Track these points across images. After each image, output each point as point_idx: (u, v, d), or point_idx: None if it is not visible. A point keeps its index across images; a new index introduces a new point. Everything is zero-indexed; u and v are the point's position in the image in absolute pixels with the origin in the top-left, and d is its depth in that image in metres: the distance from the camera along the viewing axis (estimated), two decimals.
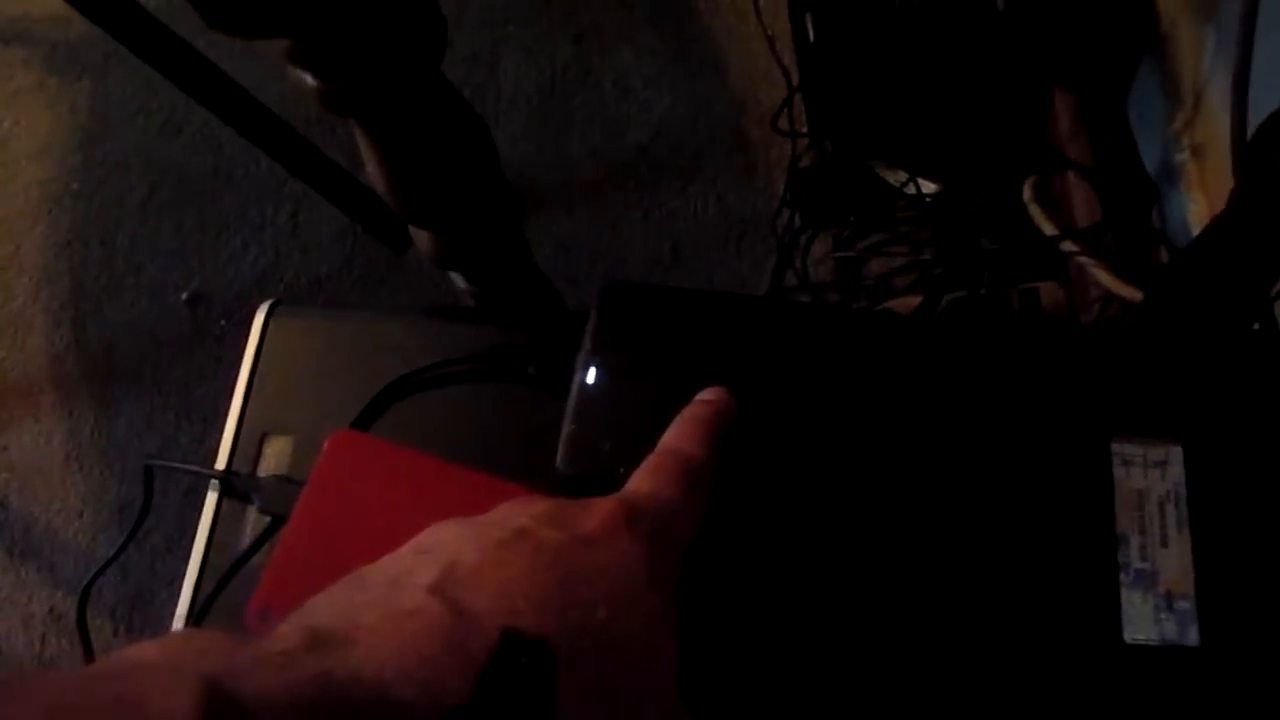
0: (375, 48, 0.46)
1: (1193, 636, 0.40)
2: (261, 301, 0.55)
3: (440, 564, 0.29)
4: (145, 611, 1.25)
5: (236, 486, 0.50)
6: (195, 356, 1.37)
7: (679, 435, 0.38)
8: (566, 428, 0.45)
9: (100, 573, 0.54)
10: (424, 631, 0.26)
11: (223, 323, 1.38)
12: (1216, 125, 0.90)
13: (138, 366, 1.38)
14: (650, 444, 0.38)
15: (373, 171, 0.55)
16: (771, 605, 0.41)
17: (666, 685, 0.31)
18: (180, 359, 1.38)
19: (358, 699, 0.24)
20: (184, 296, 1.41)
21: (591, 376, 0.45)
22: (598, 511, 0.33)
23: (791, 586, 0.41)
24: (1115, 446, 0.43)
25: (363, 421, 0.50)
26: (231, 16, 0.40)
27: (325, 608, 0.28)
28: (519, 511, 0.33)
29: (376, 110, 0.50)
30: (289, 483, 0.49)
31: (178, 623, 0.49)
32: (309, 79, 0.47)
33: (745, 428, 0.41)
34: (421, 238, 0.62)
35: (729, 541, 0.41)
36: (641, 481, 0.35)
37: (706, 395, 0.41)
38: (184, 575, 0.50)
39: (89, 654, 0.54)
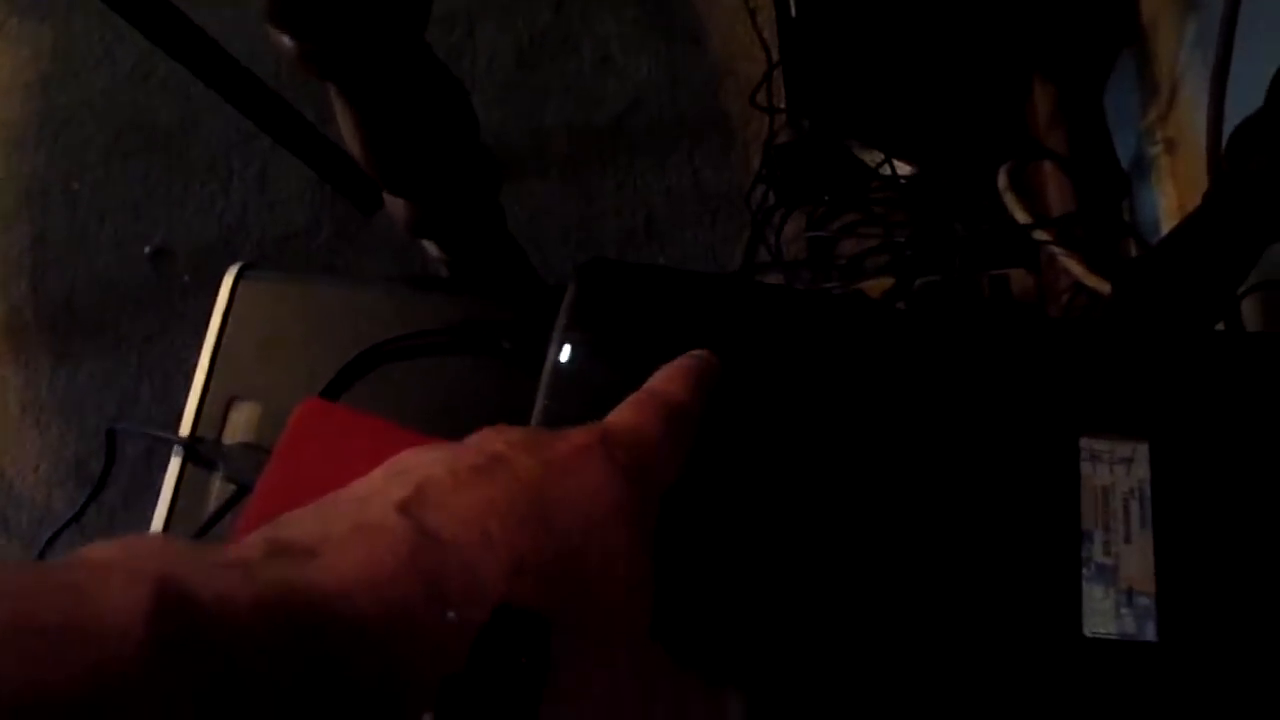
0: (357, 10, 0.45)
1: (1151, 632, 0.41)
2: (229, 259, 0.54)
3: (412, 484, 0.29)
4: None
5: (201, 453, 0.49)
6: (158, 311, 1.35)
7: (664, 378, 0.37)
8: (540, 403, 0.44)
9: (57, 535, 0.54)
10: (389, 548, 0.26)
11: (186, 278, 1.36)
12: (1190, 120, 0.91)
13: (98, 320, 1.36)
14: None
15: (349, 137, 0.54)
16: (737, 588, 0.41)
17: (639, 621, 0.30)
18: (142, 313, 1.35)
19: (317, 607, 0.24)
20: (147, 250, 1.38)
21: (567, 353, 0.44)
22: (575, 440, 0.32)
23: (756, 568, 0.41)
24: (1083, 443, 0.44)
25: (332, 390, 0.50)
26: None
27: (294, 523, 0.28)
28: (495, 438, 0.32)
29: (356, 75, 0.49)
30: (255, 450, 0.48)
31: None
32: (286, 40, 0.46)
33: (719, 408, 0.41)
34: (396, 205, 0.61)
35: (702, 518, 0.41)
36: (622, 415, 0.34)
37: (694, 352, 0.40)
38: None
39: None
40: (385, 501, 0.28)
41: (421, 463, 0.30)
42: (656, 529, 0.33)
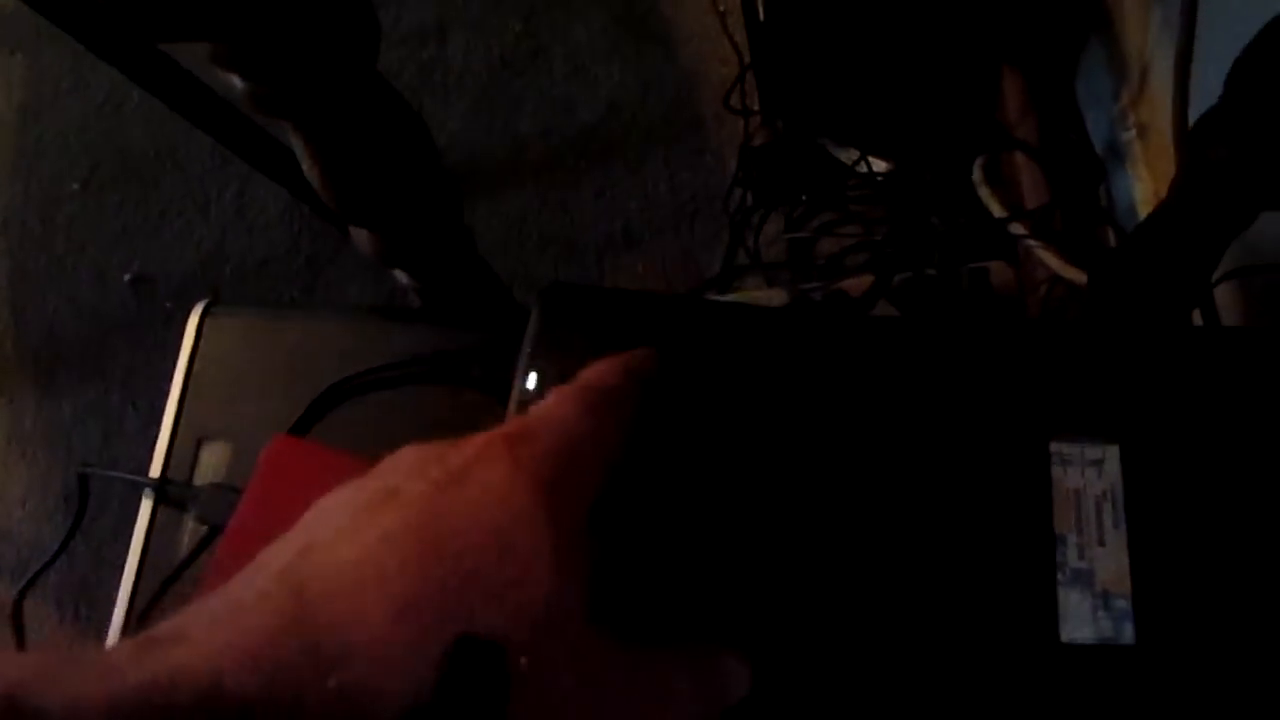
0: (305, 49, 0.45)
1: (1128, 635, 0.41)
2: (209, 284, 0.54)
3: (298, 545, 0.28)
4: (91, 599, 1.23)
5: (172, 495, 0.49)
6: (140, 340, 1.35)
7: (591, 369, 0.36)
8: None
9: (34, 579, 0.53)
10: (262, 619, 0.25)
11: (168, 304, 1.36)
12: (1162, 104, 0.91)
13: (80, 350, 1.35)
14: None
15: (308, 171, 0.54)
16: (708, 595, 0.41)
17: (571, 615, 0.28)
18: (124, 343, 1.35)
19: (183, 697, 0.23)
20: (127, 277, 1.38)
21: (533, 381, 0.44)
22: (470, 450, 0.30)
23: (726, 579, 0.41)
24: (1053, 446, 0.44)
25: (301, 426, 0.49)
26: (150, 21, 0.38)
27: (176, 614, 0.26)
28: (391, 467, 0.31)
29: (309, 112, 0.49)
30: (226, 490, 0.48)
31: (113, 634, 0.48)
32: (237, 81, 0.45)
33: (686, 428, 0.41)
34: (361, 237, 0.61)
35: (671, 530, 0.41)
36: (539, 407, 0.33)
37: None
38: (118, 586, 0.49)
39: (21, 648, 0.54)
40: (269, 571, 0.27)
41: (316, 517, 0.29)
42: (617, 575, 0.32)
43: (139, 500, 0.50)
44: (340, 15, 0.45)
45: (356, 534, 0.27)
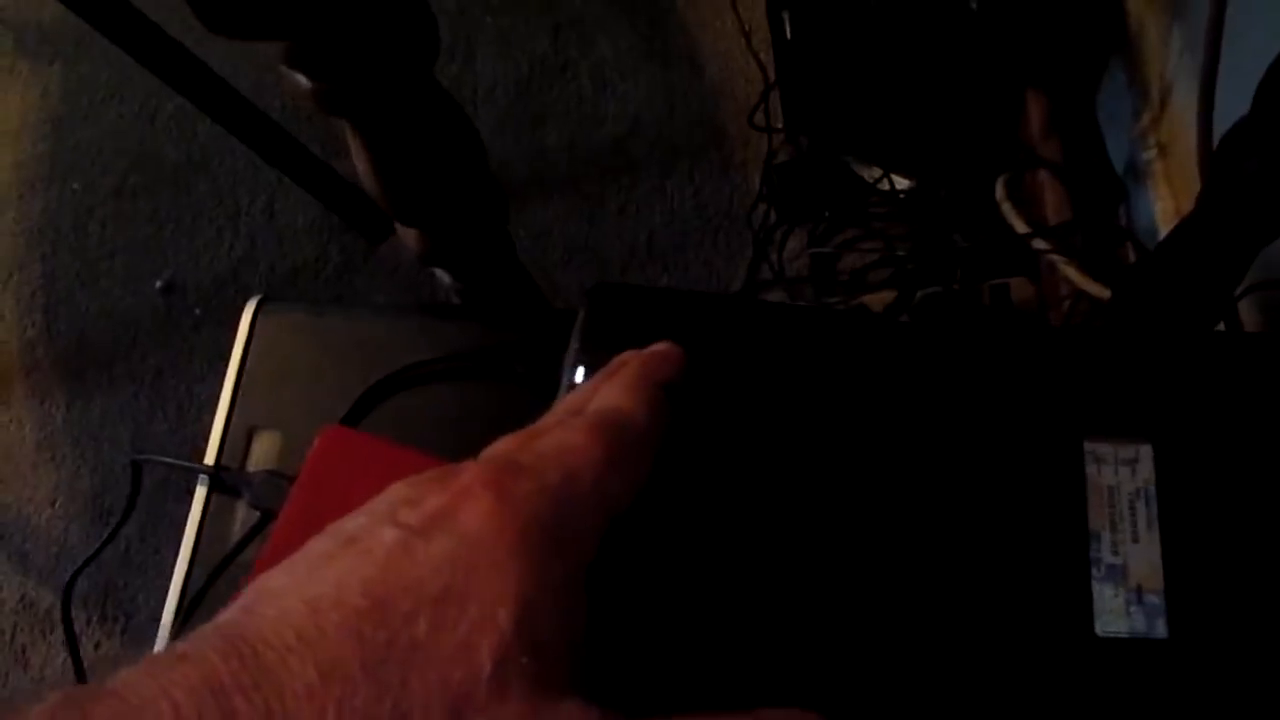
0: (370, 50, 0.47)
1: (1161, 629, 0.42)
2: (238, 292, 0.55)
3: (252, 594, 0.26)
4: (119, 600, 1.25)
5: (226, 481, 0.50)
6: (169, 345, 1.37)
7: (606, 391, 0.33)
8: None
9: (81, 570, 0.55)
10: (187, 676, 0.23)
11: (197, 311, 1.38)
12: (1182, 123, 0.92)
13: (111, 355, 1.37)
14: None
15: (362, 171, 0.56)
16: (751, 599, 0.42)
17: (535, 681, 0.25)
18: (154, 348, 1.37)
19: None
20: (158, 284, 1.40)
21: (580, 378, 0.45)
22: (460, 481, 0.27)
23: (771, 581, 0.42)
24: (1088, 446, 0.45)
25: (352, 417, 0.51)
26: (229, 20, 0.40)
27: (131, 666, 0.25)
28: (372, 507, 0.28)
29: (369, 111, 0.51)
30: (278, 478, 0.49)
31: (166, 616, 0.50)
32: (303, 80, 0.47)
33: (733, 429, 0.42)
34: (409, 236, 0.62)
35: (709, 540, 0.42)
36: (547, 438, 0.30)
37: (644, 351, 0.36)
38: (173, 569, 0.50)
39: (75, 656, 0.55)
40: (213, 624, 0.25)
41: (281, 568, 0.27)
42: (645, 551, 0.30)
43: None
44: (404, 20, 0.47)
45: (308, 586, 0.25)
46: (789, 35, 1.07)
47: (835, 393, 0.44)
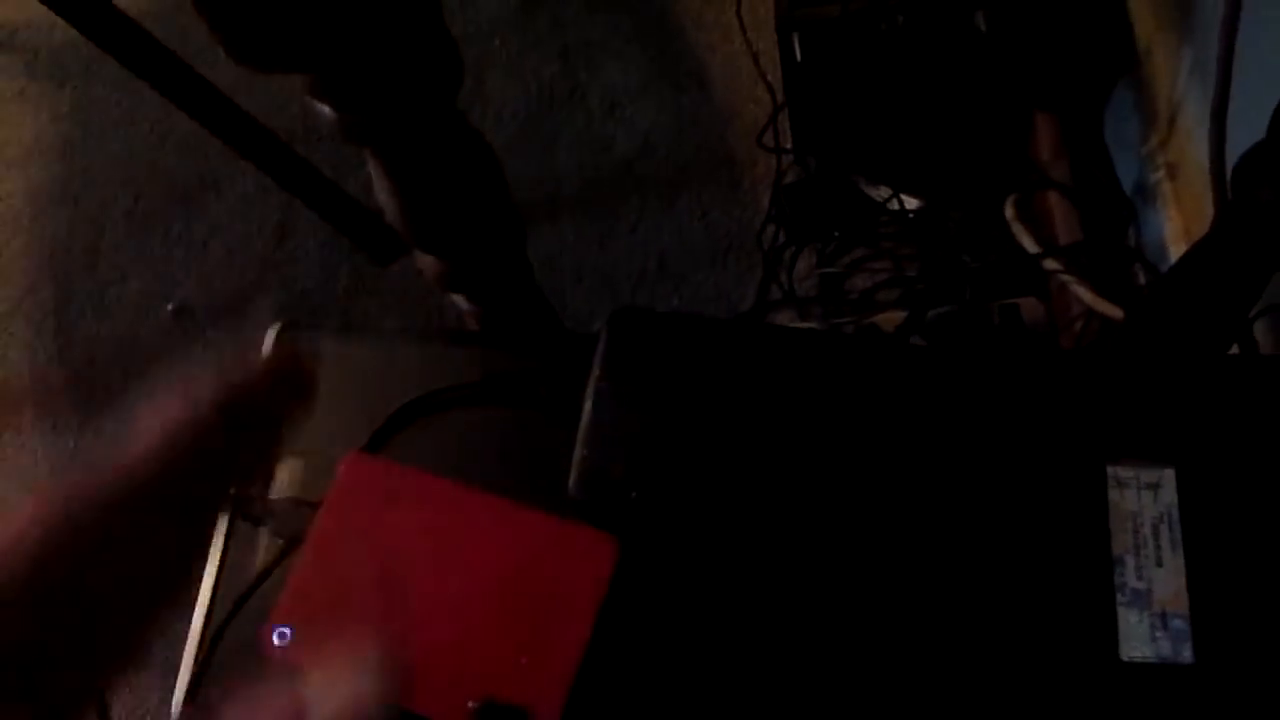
0: (395, 82, 0.47)
1: (1187, 654, 0.42)
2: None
3: None
4: None
5: (249, 509, 0.50)
6: (181, 366, 1.37)
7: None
8: (578, 453, 0.46)
9: None
10: None
11: (208, 332, 1.38)
12: (1191, 145, 0.93)
13: (123, 379, 1.38)
14: (661, 469, 0.39)
15: (384, 199, 0.56)
16: (775, 624, 0.42)
17: None
18: (165, 369, 1.37)
19: None
20: (170, 307, 1.40)
21: (602, 402, 0.46)
22: None
23: (793, 608, 0.42)
24: (1110, 471, 0.45)
25: (375, 443, 0.51)
26: (257, 52, 0.41)
27: None
28: None
29: (393, 141, 0.51)
30: (301, 505, 0.49)
31: (190, 643, 0.50)
32: (328, 111, 0.48)
33: (755, 452, 0.43)
34: (427, 262, 0.63)
35: (735, 564, 0.42)
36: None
37: None
38: (195, 598, 0.50)
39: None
40: None
41: None
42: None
43: None
44: (428, 52, 0.47)
45: None
46: (799, 57, 1.08)
47: (858, 419, 0.45)
